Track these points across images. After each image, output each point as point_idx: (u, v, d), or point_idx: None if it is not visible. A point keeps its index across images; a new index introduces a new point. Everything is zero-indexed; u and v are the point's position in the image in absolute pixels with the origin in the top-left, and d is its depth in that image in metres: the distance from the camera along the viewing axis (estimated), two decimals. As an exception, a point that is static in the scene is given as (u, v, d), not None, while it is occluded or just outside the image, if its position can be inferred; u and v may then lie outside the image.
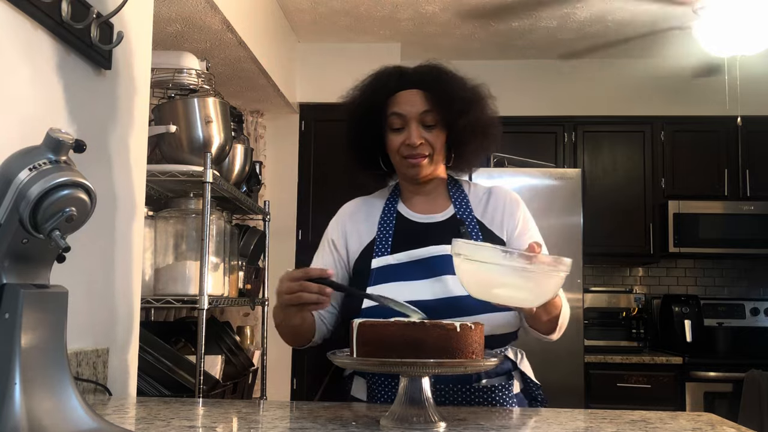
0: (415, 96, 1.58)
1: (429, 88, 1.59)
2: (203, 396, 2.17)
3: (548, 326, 1.52)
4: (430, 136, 1.58)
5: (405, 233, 1.61)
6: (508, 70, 4.56)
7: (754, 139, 4.31)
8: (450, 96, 1.58)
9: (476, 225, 1.61)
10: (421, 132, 1.57)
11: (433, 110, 1.57)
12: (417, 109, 1.57)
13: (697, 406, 3.83)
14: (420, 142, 1.56)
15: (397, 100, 1.59)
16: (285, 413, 1.37)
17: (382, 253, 1.58)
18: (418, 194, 1.67)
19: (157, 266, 2.41)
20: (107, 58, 1.63)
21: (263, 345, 3.22)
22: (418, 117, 1.57)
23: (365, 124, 1.63)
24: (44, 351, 0.98)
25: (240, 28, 3.08)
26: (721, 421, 1.27)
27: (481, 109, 1.62)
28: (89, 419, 0.99)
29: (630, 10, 3.81)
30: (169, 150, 2.36)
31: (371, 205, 1.70)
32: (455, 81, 1.62)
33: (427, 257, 1.54)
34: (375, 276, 1.54)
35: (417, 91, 1.59)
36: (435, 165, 1.62)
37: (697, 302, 4.34)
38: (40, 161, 0.95)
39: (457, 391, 1.47)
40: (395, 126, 1.59)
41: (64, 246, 0.96)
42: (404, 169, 1.62)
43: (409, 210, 1.66)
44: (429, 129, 1.58)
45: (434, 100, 1.57)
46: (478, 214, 1.64)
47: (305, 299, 1.34)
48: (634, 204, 4.34)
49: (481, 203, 1.67)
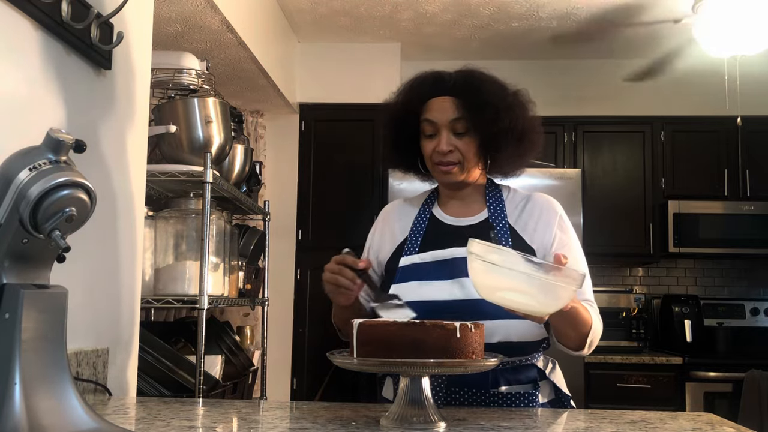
0: (446, 103, 1.58)
1: (460, 94, 1.58)
2: (203, 396, 2.17)
3: (576, 342, 1.52)
4: (461, 143, 1.57)
5: (434, 234, 1.63)
6: (508, 70, 4.53)
7: (754, 139, 4.31)
8: (481, 103, 1.56)
9: (507, 230, 1.60)
10: (452, 139, 1.57)
11: (464, 117, 1.56)
12: (447, 116, 1.57)
13: (697, 406, 3.83)
14: (449, 149, 1.56)
15: (430, 107, 1.60)
16: (285, 413, 1.37)
17: (411, 252, 1.60)
18: (454, 198, 1.68)
19: (157, 266, 2.41)
20: (107, 58, 1.63)
21: (263, 345, 3.22)
22: (448, 124, 1.57)
23: (401, 129, 1.65)
24: (44, 351, 0.98)
25: (240, 28, 3.08)
26: (721, 421, 1.27)
27: (516, 116, 1.60)
28: (89, 419, 0.99)
29: (630, 10, 3.80)
30: (169, 150, 2.36)
31: (409, 206, 1.73)
32: (489, 87, 1.60)
33: (450, 258, 1.55)
34: (400, 274, 1.57)
35: (449, 98, 1.58)
36: (467, 172, 1.61)
37: (697, 302, 4.34)
38: (40, 161, 0.96)
39: (473, 396, 1.47)
40: (427, 132, 1.60)
41: (64, 246, 0.96)
42: (436, 175, 1.63)
43: (443, 213, 1.68)
44: (460, 136, 1.57)
45: (465, 107, 1.56)
46: (512, 219, 1.63)
47: (340, 282, 1.41)
48: (634, 204, 4.34)
49: (517, 209, 1.65)
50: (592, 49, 4.35)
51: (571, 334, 1.48)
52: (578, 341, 1.51)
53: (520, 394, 1.49)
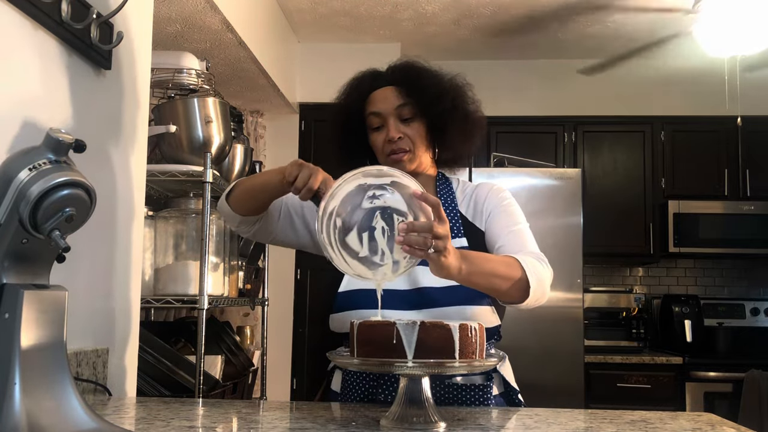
0: (389, 92, 1.62)
1: (401, 83, 1.62)
2: (203, 396, 2.17)
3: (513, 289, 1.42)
4: (409, 129, 1.60)
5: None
6: (508, 70, 4.56)
7: (754, 139, 4.31)
8: (422, 85, 1.61)
9: (459, 219, 1.63)
10: (400, 126, 1.60)
11: (408, 102, 1.60)
12: (392, 104, 1.60)
13: (697, 406, 3.83)
14: (399, 135, 1.59)
15: (373, 100, 1.63)
16: (285, 413, 1.37)
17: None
18: None
19: (157, 266, 2.41)
20: (107, 58, 1.63)
21: (263, 345, 3.22)
22: (394, 112, 1.60)
23: (348, 128, 1.67)
24: (44, 351, 0.98)
25: (240, 28, 3.08)
26: (721, 421, 1.27)
27: (457, 95, 1.64)
28: (89, 419, 0.99)
29: (630, 10, 3.81)
30: (169, 150, 2.36)
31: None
32: (427, 73, 1.65)
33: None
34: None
35: (391, 88, 1.62)
36: (418, 159, 1.63)
37: (697, 302, 4.34)
38: (40, 161, 0.96)
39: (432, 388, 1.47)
40: (375, 125, 1.62)
41: (64, 246, 0.96)
42: (390, 166, 1.63)
43: None
44: (407, 122, 1.61)
45: (407, 93, 1.60)
46: (463, 208, 1.66)
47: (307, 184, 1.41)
48: (634, 204, 4.34)
49: (466, 198, 1.69)
50: (592, 48, 4.35)
51: (481, 281, 1.39)
52: (510, 285, 1.41)
53: (476, 386, 1.49)
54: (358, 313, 1.51)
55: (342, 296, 1.56)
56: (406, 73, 1.64)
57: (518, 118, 4.39)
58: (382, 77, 1.66)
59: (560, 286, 3.61)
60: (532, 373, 3.56)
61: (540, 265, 1.47)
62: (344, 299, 1.55)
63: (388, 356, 1.12)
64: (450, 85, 1.64)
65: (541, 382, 3.54)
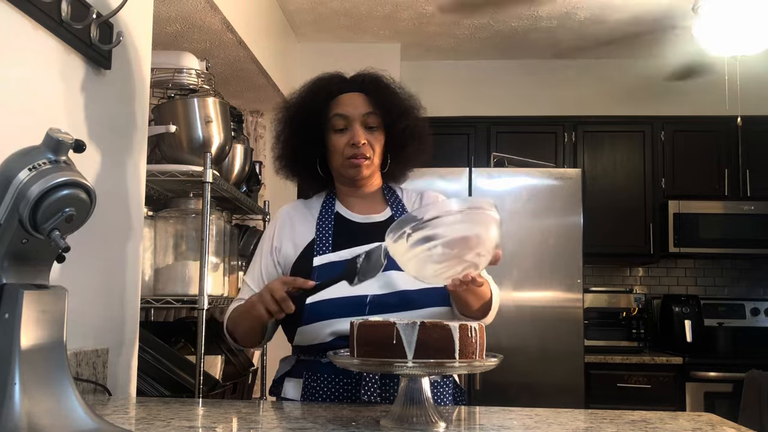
0: (357, 98, 1.64)
1: (370, 92, 1.65)
2: (203, 396, 2.17)
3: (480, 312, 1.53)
4: (372, 137, 1.63)
5: (345, 232, 1.64)
6: (508, 70, 4.56)
7: (754, 139, 4.31)
8: (390, 100, 1.65)
9: None
10: (365, 133, 1.62)
11: (375, 112, 1.63)
12: (360, 110, 1.62)
13: (697, 406, 3.83)
14: (363, 141, 1.61)
15: (340, 102, 1.64)
16: (285, 413, 1.37)
17: (324, 251, 1.60)
18: (355, 197, 1.70)
19: (157, 266, 2.41)
20: (107, 58, 1.63)
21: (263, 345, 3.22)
22: (360, 118, 1.62)
23: (305, 126, 1.66)
24: (44, 351, 0.98)
25: (240, 28, 3.08)
26: (721, 421, 1.27)
27: (417, 116, 1.69)
28: (89, 419, 0.99)
29: (630, 10, 3.80)
30: (169, 150, 2.36)
31: (309, 207, 1.73)
32: (394, 88, 1.69)
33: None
34: (318, 273, 1.55)
35: (359, 94, 1.65)
36: (374, 167, 1.66)
37: (697, 302, 4.34)
38: (39, 161, 0.95)
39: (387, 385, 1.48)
40: (338, 127, 1.63)
41: (63, 246, 0.96)
42: (346, 170, 1.64)
43: (348, 211, 1.69)
44: (371, 131, 1.63)
45: (376, 103, 1.63)
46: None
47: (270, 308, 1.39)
48: (634, 204, 4.34)
49: (414, 205, 1.72)
50: (592, 49, 4.35)
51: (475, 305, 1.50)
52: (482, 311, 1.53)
53: (437, 382, 1.53)
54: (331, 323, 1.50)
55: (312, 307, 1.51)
56: (375, 85, 1.67)
57: (518, 118, 4.39)
58: (350, 82, 1.68)
59: (560, 286, 3.61)
60: (532, 373, 3.56)
61: (497, 291, 1.58)
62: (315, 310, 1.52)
63: (388, 356, 1.12)
64: (411, 104, 1.69)
65: (541, 382, 3.54)
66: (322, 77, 1.70)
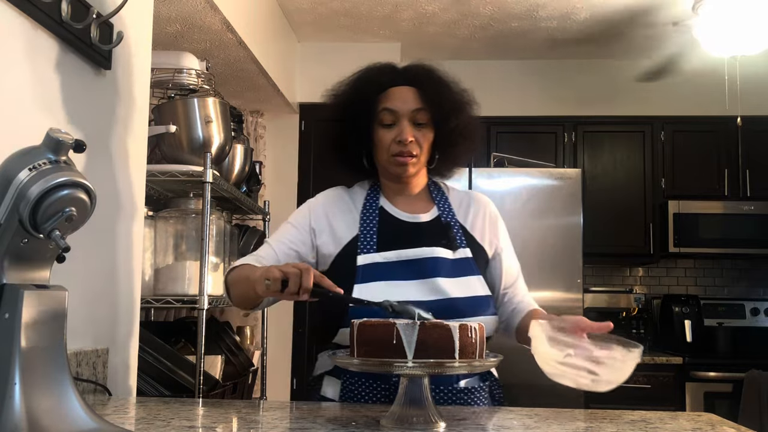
0: (408, 93, 1.58)
1: (421, 86, 1.58)
2: (203, 396, 2.17)
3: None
4: (419, 134, 1.57)
5: (391, 231, 1.59)
6: (508, 70, 4.56)
7: (754, 139, 4.31)
8: (442, 96, 1.58)
9: (460, 228, 1.62)
10: (412, 130, 1.56)
11: (425, 109, 1.56)
12: (409, 106, 1.56)
13: (697, 406, 3.83)
14: (411, 139, 1.55)
15: (390, 96, 1.58)
16: (285, 413, 1.38)
17: (368, 250, 1.55)
18: (400, 194, 1.65)
19: (157, 266, 2.41)
20: (107, 58, 1.63)
21: (263, 345, 3.22)
22: (409, 114, 1.56)
23: (353, 118, 1.60)
24: (44, 351, 0.98)
25: (240, 28, 3.08)
26: (721, 421, 1.27)
27: (469, 113, 1.63)
28: (89, 419, 0.99)
29: (630, 11, 3.80)
30: (169, 150, 2.36)
31: (352, 197, 1.67)
32: (446, 82, 1.62)
33: (417, 258, 1.53)
34: (362, 273, 1.51)
35: (410, 88, 1.58)
36: (420, 165, 1.61)
37: (697, 302, 4.34)
38: (39, 161, 0.95)
39: (440, 393, 1.46)
40: (386, 122, 1.57)
41: (64, 246, 0.96)
42: (391, 167, 1.59)
43: (394, 207, 1.64)
44: (419, 128, 1.57)
45: (426, 99, 1.57)
46: (459, 217, 1.65)
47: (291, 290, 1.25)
48: (634, 204, 4.34)
49: (462, 207, 1.67)
50: (592, 49, 4.35)
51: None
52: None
53: (475, 389, 1.50)
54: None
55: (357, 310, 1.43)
56: (427, 78, 1.60)
57: (518, 118, 4.39)
58: (401, 74, 1.61)
59: (560, 286, 3.61)
60: (532, 373, 3.54)
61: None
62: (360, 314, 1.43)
63: (388, 356, 1.12)
64: (464, 101, 1.63)
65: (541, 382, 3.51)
66: (373, 67, 1.64)
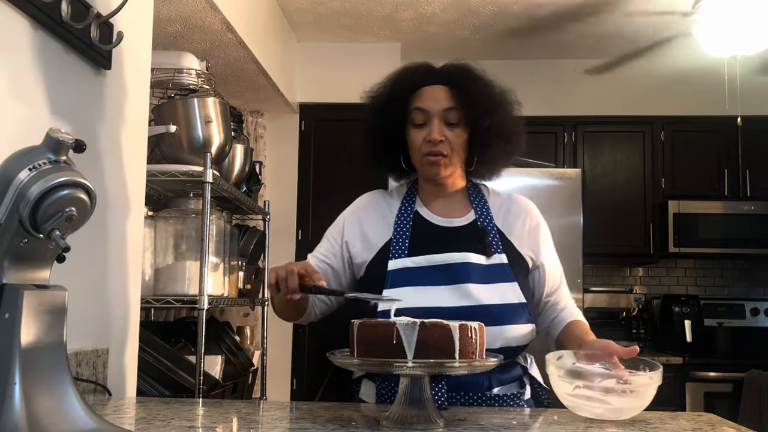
0: (439, 92, 1.56)
1: (454, 85, 1.57)
2: (203, 396, 2.17)
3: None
4: (451, 134, 1.55)
5: (423, 236, 1.57)
6: (508, 70, 4.53)
7: (754, 139, 4.31)
8: (475, 95, 1.56)
9: (497, 234, 1.59)
10: (443, 129, 1.54)
11: (457, 108, 1.54)
12: (440, 105, 1.55)
13: (697, 406, 3.83)
14: (440, 138, 1.53)
15: (421, 95, 1.57)
16: (285, 413, 1.37)
17: (399, 255, 1.54)
18: (437, 196, 1.64)
19: (157, 266, 2.41)
20: (107, 58, 1.63)
21: (263, 345, 3.22)
22: (441, 113, 1.54)
23: (387, 118, 1.59)
24: (44, 351, 0.98)
25: (240, 28, 3.08)
26: (721, 421, 1.27)
27: (506, 114, 1.60)
28: (89, 419, 0.99)
29: (630, 11, 3.81)
30: (169, 150, 2.36)
31: (388, 202, 1.66)
32: (482, 81, 1.60)
33: (448, 263, 1.52)
34: (392, 278, 1.51)
35: (442, 88, 1.57)
36: (453, 167, 1.59)
37: (697, 302, 4.34)
38: (39, 161, 0.95)
39: (471, 399, 1.46)
40: (418, 121, 1.56)
41: (64, 246, 0.96)
42: (424, 167, 1.58)
43: (429, 211, 1.62)
44: (451, 127, 1.55)
45: (459, 98, 1.55)
46: (498, 222, 1.62)
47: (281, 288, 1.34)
48: (634, 204, 4.34)
49: (501, 211, 1.64)
50: (592, 49, 4.35)
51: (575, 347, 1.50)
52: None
53: (512, 395, 1.50)
54: None
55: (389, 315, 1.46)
56: (462, 78, 1.59)
57: (518, 118, 4.39)
58: (436, 74, 1.60)
59: (560, 286, 3.60)
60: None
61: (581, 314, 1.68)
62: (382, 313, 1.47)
63: (388, 356, 1.12)
64: (501, 100, 1.60)
65: (541, 382, 3.53)
66: (408, 67, 1.63)
